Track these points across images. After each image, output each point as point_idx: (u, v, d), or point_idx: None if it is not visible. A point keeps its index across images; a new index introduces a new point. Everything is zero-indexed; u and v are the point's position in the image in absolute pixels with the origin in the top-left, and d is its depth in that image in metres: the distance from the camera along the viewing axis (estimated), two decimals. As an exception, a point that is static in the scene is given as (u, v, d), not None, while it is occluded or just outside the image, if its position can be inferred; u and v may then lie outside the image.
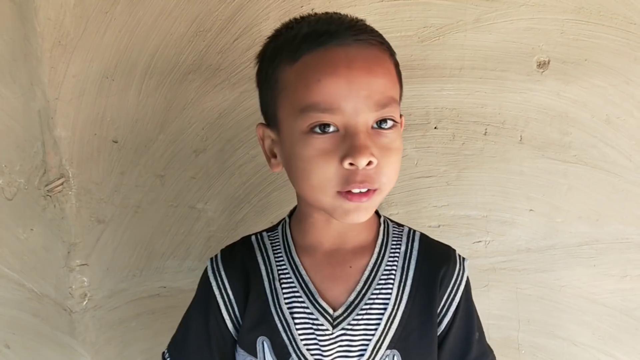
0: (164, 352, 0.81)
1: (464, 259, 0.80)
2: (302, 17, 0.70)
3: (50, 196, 1.03)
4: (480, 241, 1.06)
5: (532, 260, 1.06)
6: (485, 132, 1.03)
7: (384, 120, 0.65)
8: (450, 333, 0.77)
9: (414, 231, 0.80)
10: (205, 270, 0.79)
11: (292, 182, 0.71)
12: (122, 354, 1.12)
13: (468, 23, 0.99)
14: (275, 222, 0.84)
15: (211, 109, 1.02)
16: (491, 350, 0.82)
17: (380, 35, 0.69)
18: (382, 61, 0.67)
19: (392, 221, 0.82)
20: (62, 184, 1.04)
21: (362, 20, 0.70)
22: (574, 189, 1.04)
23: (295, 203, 0.80)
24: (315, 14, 0.71)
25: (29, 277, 1.00)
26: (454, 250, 0.80)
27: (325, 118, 0.63)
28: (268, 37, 0.72)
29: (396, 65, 0.71)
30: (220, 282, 0.77)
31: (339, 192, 0.65)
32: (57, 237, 1.05)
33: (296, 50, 0.65)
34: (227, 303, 0.76)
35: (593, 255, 1.06)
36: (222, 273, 0.77)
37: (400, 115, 0.73)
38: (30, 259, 1.00)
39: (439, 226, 1.06)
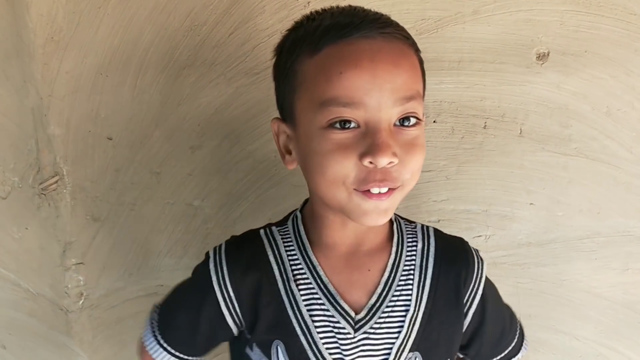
0: (155, 305, 0.81)
1: (476, 250, 0.79)
2: (324, 9, 0.67)
3: (45, 194, 1.02)
4: (480, 235, 1.05)
5: (532, 255, 1.05)
6: (485, 126, 1.02)
7: (407, 118, 0.63)
8: (485, 320, 0.78)
9: (427, 227, 0.79)
10: (207, 261, 0.75)
11: (307, 180, 0.68)
12: (119, 353, 1.11)
13: (466, 15, 0.98)
14: (273, 219, 0.82)
15: (207, 104, 1.01)
16: (509, 308, 0.86)
17: (405, 30, 0.67)
18: (407, 55, 0.64)
19: (402, 218, 0.80)
20: (56, 182, 1.02)
21: (385, 15, 0.67)
22: (574, 182, 1.03)
23: (299, 198, 0.79)
24: (338, 6, 0.68)
25: (25, 277, 0.99)
26: (467, 243, 0.79)
27: (346, 113, 0.60)
28: (287, 29, 0.70)
29: (421, 62, 0.68)
30: (221, 278, 0.72)
31: (356, 190, 0.63)
32: (52, 236, 1.04)
33: (318, 42, 0.62)
34: (227, 300, 0.73)
35: (594, 248, 1.05)
36: (225, 268, 0.73)
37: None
38: (25, 259, 0.99)
39: (439, 221, 1.05)
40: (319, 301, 0.71)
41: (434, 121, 1.02)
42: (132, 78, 1.00)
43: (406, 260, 0.74)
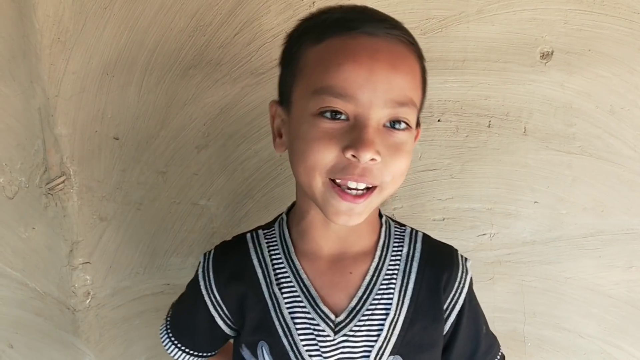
0: (168, 311, 0.85)
1: (466, 259, 0.78)
2: (340, 5, 0.69)
3: (52, 194, 1.02)
4: (485, 234, 1.06)
5: (537, 253, 1.06)
6: (489, 124, 1.02)
7: (398, 122, 0.63)
8: (458, 334, 0.76)
9: (416, 231, 0.79)
10: (198, 267, 0.79)
11: (291, 166, 0.69)
12: (126, 352, 1.11)
13: (470, 14, 0.99)
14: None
15: (212, 104, 1.02)
16: (495, 339, 0.83)
17: (412, 37, 0.67)
18: (408, 60, 0.64)
19: (393, 220, 0.80)
20: (63, 181, 1.03)
21: (396, 19, 0.67)
22: (578, 180, 1.03)
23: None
24: (354, 4, 0.69)
25: (32, 276, 0.99)
26: (457, 252, 0.79)
27: (338, 104, 0.61)
28: (301, 19, 0.71)
29: (423, 70, 0.68)
30: (207, 283, 0.76)
31: (333, 182, 0.63)
32: (59, 236, 1.05)
33: (323, 32, 0.64)
34: (215, 303, 0.76)
35: (598, 246, 1.05)
36: (210, 273, 0.76)
37: (419, 124, 0.71)
38: (32, 258, 0.99)
39: (444, 219, 1.05)
40: (301, 304, 0.72)
41: (439, 120, 1.02)
42: (138, 78, 1.00)
43: (390, 265, 0.74)
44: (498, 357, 0.82)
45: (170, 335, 0.83)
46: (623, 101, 1.01)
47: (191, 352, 0.82)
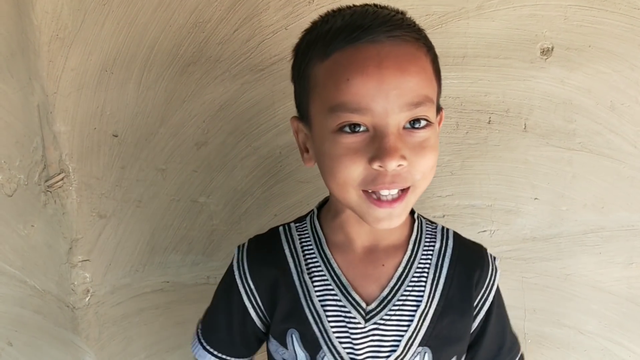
0: (198, 323, 0.85)
1: (495, 258, 0.80)
2: (340, 9, 0.68)
3: (51, 192, 1.02)
4: (485, 231, 1.05)
5: (537, 249, 1.06)
6: (489, 121, 1.02)
7: (417, 120, 0.63)
8: (487, 330, 0.78)
9: (447, 229, 0.80)
10: (232, 259, 0.80)
11: (323, 180, 0.70)
12: (126, 349, 1.11)
13: (470, 10, 0.98)
14: (279, 215, 0.84)
15: (212, 101, 1.01)
16: (517, 338, 0.84)
17: (417, 30, 0.67)
18: (415, 59, 0.64)
19: (425, 218, 0.81)
20: (62, 179, 1.03)
21: (400, 13, 0.67)
22: (578, 177, 1.03)
23: (304, 194, 0.80)
24: (353, 5, 0.68)
25: (31, 274, 0.99)
26: (486, 250, 0.80)
27: (355, 118, 0.62)
28: (305, 30, 0.70)
29: (433, 60, 0.68)
30: (242, 273, 0.77)
31: (366, 192, 0.64)
32: (59, 233, 1.04)
33: (327, 46, 0.63)
34: (250, 294, 0.77)
35: (599, 243, 1.05)
36: (245, 265, 0.77)
37: (441, 109, 0.72)
38: (31, 256, 0.99)
39: (444, 216, 1.05)
40: (332, 292, 0.73)
41: (439, 117, 1.02)
42: (137, 75, 1.00)
43: (422, 258, 0.75)
44: (519, 355, 0.83)
45: (202, 341, 0.82)
46: (623, 97, 1.01)
47: (224, 357, 0.82)
